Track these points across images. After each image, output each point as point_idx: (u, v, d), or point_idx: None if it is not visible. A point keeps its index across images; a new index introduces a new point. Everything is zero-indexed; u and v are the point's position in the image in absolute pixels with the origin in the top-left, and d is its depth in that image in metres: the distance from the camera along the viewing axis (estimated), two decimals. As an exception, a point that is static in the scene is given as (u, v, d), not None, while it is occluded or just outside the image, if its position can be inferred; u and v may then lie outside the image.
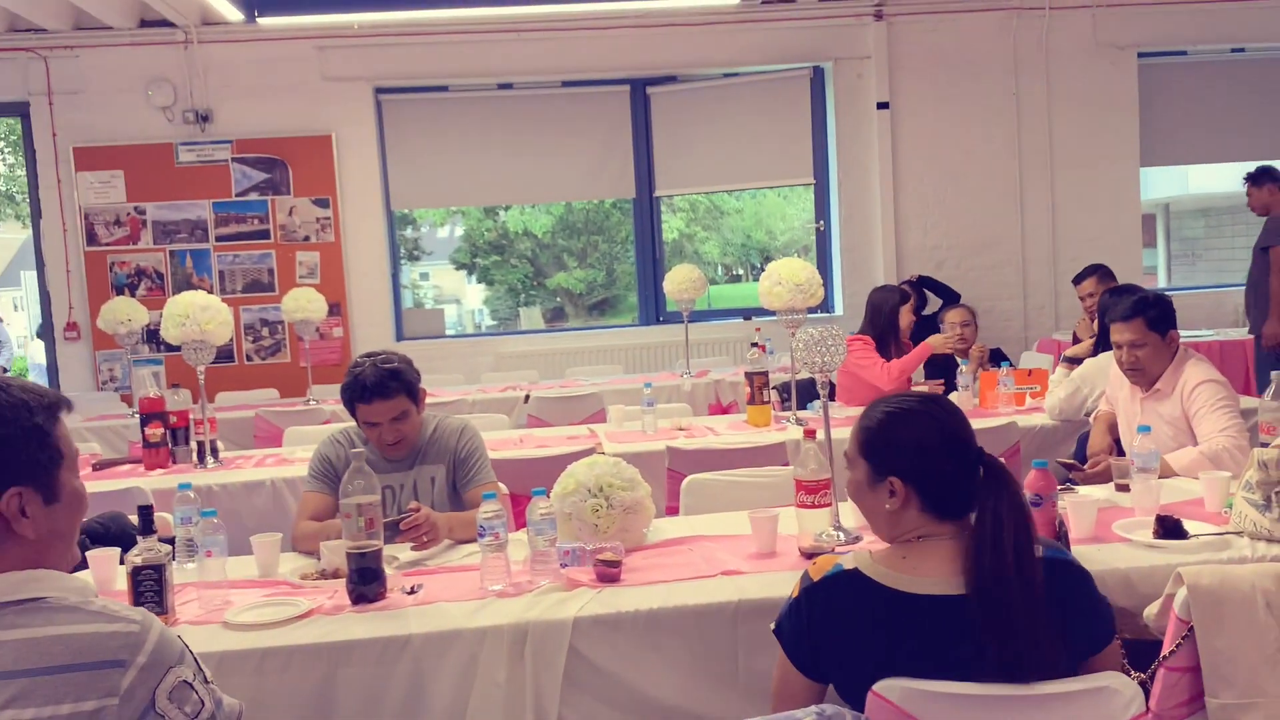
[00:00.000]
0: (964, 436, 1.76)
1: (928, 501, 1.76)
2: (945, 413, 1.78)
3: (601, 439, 4.37)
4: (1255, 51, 8.33)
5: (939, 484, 1.75)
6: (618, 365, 7.60)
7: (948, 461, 1.74)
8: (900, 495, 1.78)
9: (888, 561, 1.75)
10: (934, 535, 1.75)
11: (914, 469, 1.77)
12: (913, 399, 1.82)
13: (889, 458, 1.80)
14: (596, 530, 2.60)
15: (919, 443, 1.76)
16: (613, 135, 7.96)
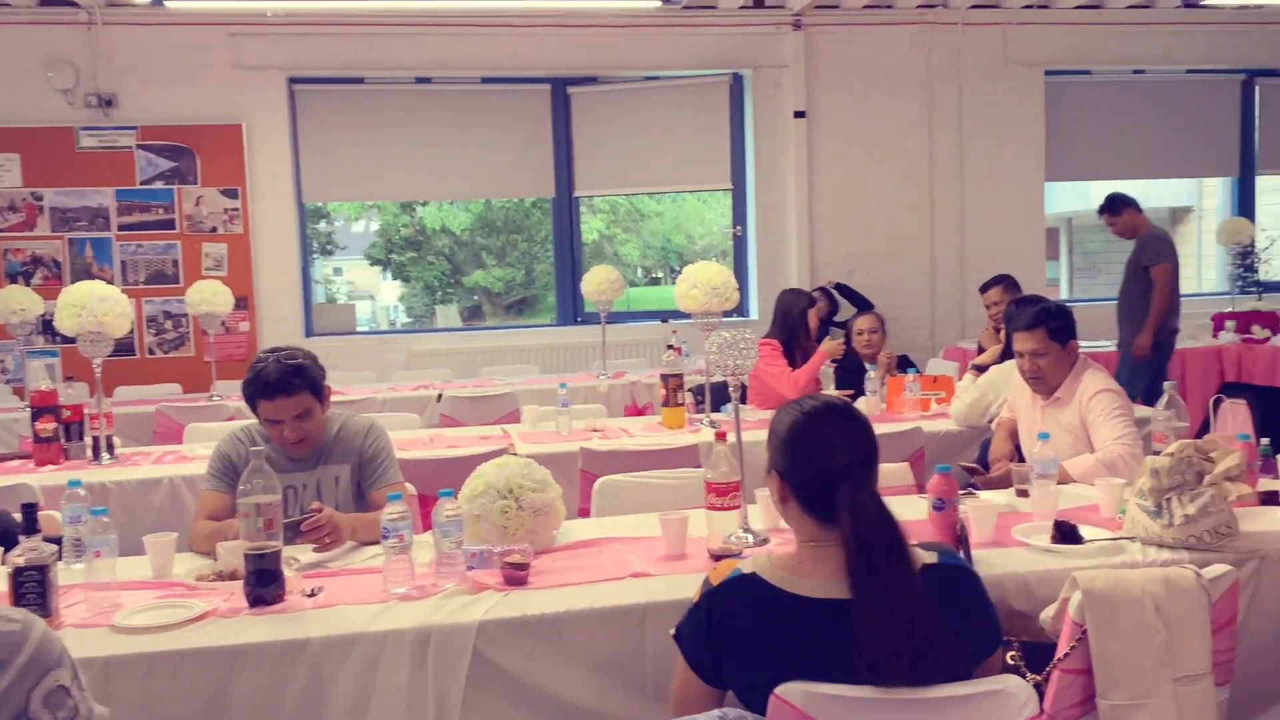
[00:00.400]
0: (836, 444, 1.76)
1: (803, 502, 1.79)
2: (830, 419, 1.79)
3: (514, 440, 4.33)
4: (1154, 73, 8.66)
5: (805, 485, 1.78)
6: (534, 365, 7.55)
7: (811, 464, 1.77)
8: (778, 490, 1.83)
9: (786, 565, 1.77)
10: (825, 541, 1.76)
11: (785, 465, 1.81)
12: (813, 401, 1.84)
13: (771, 450, 1.85)
14: (505, 532, 2.57)
15: (789, 441, 1.80)
16: (533, 134, 7.91)
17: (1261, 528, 2.52)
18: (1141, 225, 6.55)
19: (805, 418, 1.80)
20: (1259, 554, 2.42)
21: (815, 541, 1.79)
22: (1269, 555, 2.43)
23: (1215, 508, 2.41)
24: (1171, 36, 8.33)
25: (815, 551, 1.77)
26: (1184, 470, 2.47)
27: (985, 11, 8.03)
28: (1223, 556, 2.39)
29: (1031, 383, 3.52)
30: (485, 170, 7.93)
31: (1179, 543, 2.42)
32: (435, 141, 7.77)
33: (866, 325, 5.70)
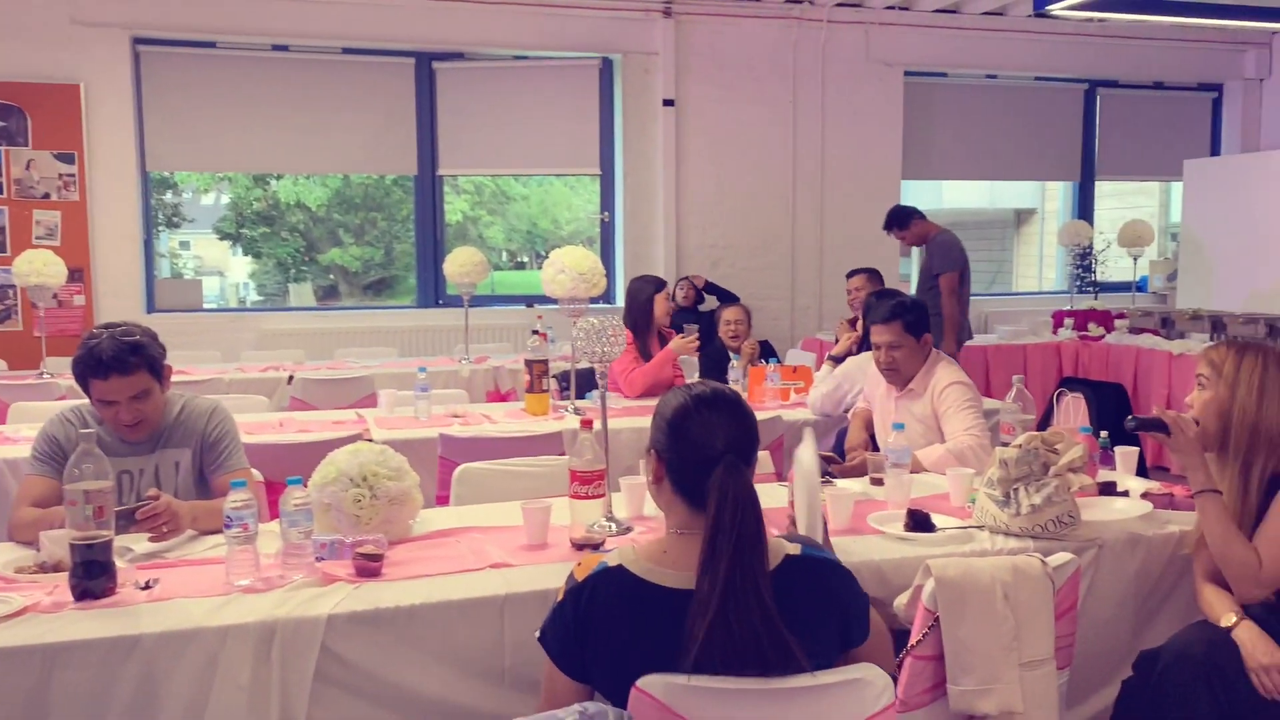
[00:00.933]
0: (717, 429, 1.74)
1: (676, 484, 1.77)
2: (716, 406, 1.77)
3: (370, 425, 4.19)
4: (1006, 79, 9.03)
5: (680, 465, 1.76)
6: (392, 348, 7.34)
7: (690, 445, 1.75)
8: (654, 469, 1.81)
9: (650, 555, 1.74)
10: (692, 528, 1.74)
11: (664, 444, 1.79)
12: (703, 388, 1.82)
13: (654, 430, 1.83)
14: (358, 522, 2.47)
15: (672, 422, 1.78)
16: (396, 109, 7.69)
17: (1100, 517, 2.64)
18: (930, 231, 6.65)
19: (692, 401, 1.78)
20: (1098, 542, 2.53)
21: (682, 528, 1.76)
22: (1107, 543, 2.54)
23: (1059, 498, 2.51)
24: (1022, 44, 8.69)
25: (681, 540, 1.75)
26: (1031, 461, 2.56)
27: (849, 10, 8.20)
28: (1065, 545, 2.49)
29: (887, 374, 3.61)
30: (344, 145, 7.66)
31: (1025, 531, 2.51)
32: (292, 113, 7.47)
33: (733, 316, 5.75)
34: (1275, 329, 6.06)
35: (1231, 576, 2.28)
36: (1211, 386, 2.39)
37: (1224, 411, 2.36)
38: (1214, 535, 2.29)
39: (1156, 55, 9.05)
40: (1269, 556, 2.24)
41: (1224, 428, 2.37)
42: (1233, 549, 2.26)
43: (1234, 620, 2.27)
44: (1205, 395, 2.40)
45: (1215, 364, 2.39)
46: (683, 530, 1.76)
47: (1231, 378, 2.36)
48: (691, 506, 1.75)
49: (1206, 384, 2.40)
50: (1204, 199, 8.86)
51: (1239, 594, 2.29)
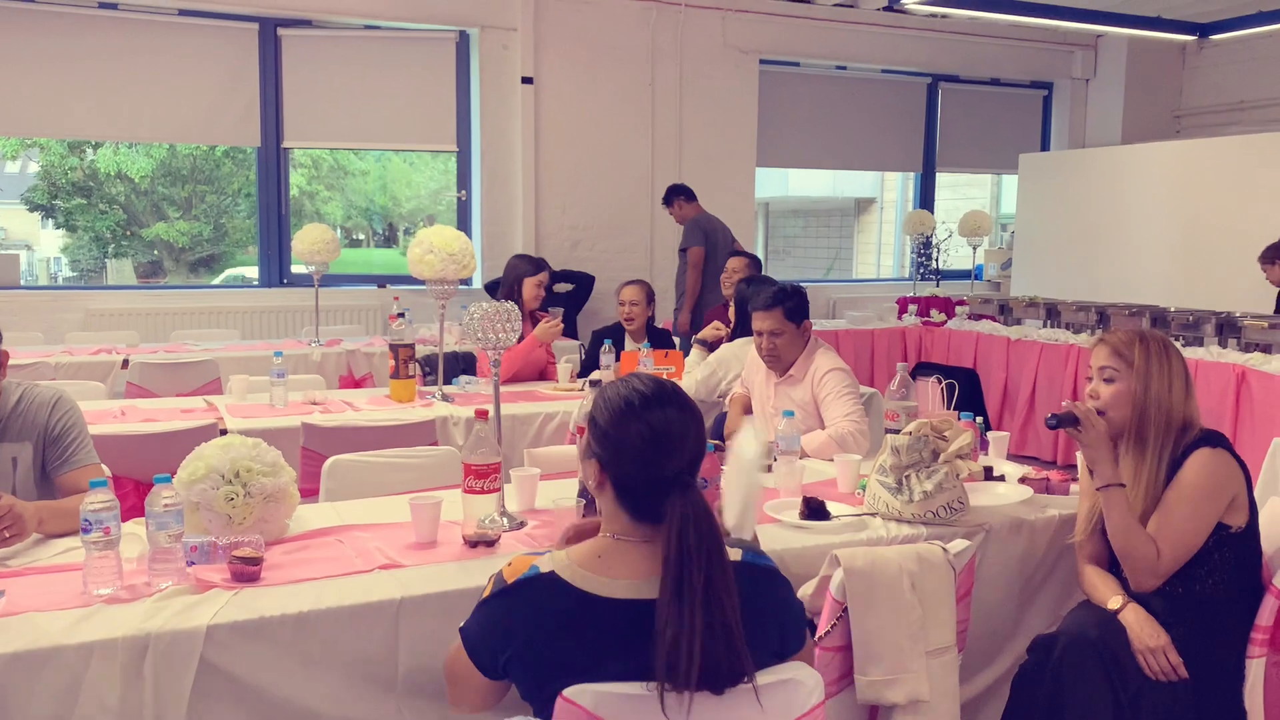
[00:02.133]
0: (672, 452, 1.65)
1: (620, 496, 1.67)
2: (661, 407, 1.66)
3: (223, 412, 3.92)
4: (855, 70, 9.26)
5: (632, 487, 1.66)
6: (233, 330, 6.95)
7: (637, 462, 1.64)
8: (597, 478, 1.70)
9: (585, 563, 1.64)
10: (630, 538, 1.66)
11: (613, 463, 1.67)
12: (644, 387, 1.69)
13: (597, 441, 1.69)
14: (231, 522, 2.28)
15: (614, 434, 1.66)
16: (237, 76, 7.25)
17: (985, 502, 2.70)
18: (689, 213, 7.21)
19: (632, 408, 1.66)
20: (985, 527, 2.59)
21: (621, 535, 1.67)
22: (994, 528, 2.60)
23: (949, 484, 2.55)
24: (871, 37, 8.92)
25: (619, 547, 1.66)
26: (921, 449, 2.59)
27: (707, -4, 8.23)
28: (955, 530, 2.54)
29: (767, 360, 3.61)
30: (179, 112, 7.17)
31: (917, 518, 2.54)
32: (119, 77, 6.93)
33: (630, 296, 5.28)
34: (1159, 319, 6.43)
35: (1131, 568, 2.36)
36: (1122, 378, 2.43)
37: (1138, 402, 2.41)
38: (1117, 529, 2.35)
39: (994, 53, 9.46)
40: (1167, 548, 2.32)
41: (1139, 418, 2.42)
42: (1135, 543, 2.33)
43: (1120, 603, 2.35)
44: (1116, 387, 2.43)
45: (1124, 355, 2.43)
46: (621, 536, 1.67)
47: (1143, 368, 2.41)
48: (635, 519, 1.66)
49: (1117, 376, 2.44)
50: (1036, 192, 9.34)
51: (1136, 584, 2.36)
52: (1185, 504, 2.33)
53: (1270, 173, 7.56)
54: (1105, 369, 2.45)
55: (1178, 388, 2.41)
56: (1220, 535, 2.35)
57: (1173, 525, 2.33)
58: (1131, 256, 8.46)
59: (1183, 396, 2.41)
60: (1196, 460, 2.35)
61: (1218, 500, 2.34)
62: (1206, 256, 7.92)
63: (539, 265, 5.14)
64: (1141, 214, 8.46)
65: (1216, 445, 2.38)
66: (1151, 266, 8.29)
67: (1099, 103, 9.85)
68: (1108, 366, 2.45)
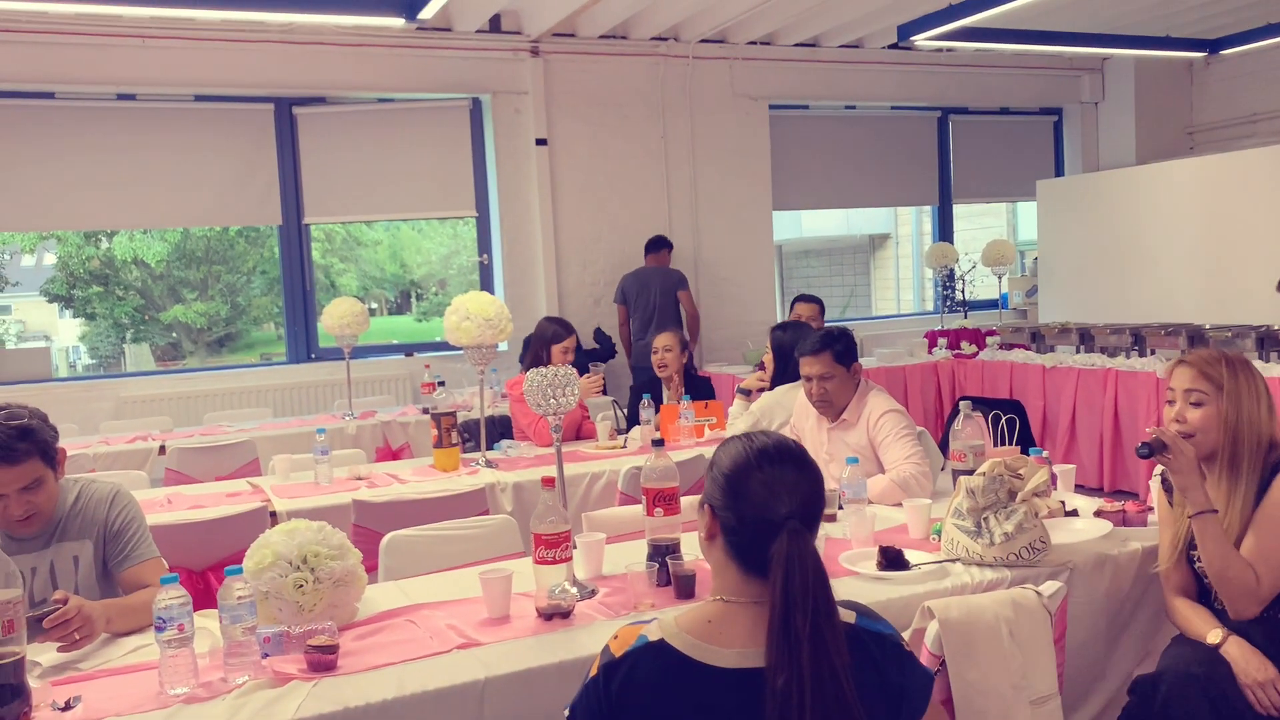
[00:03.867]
0: (778, 488, 1.60)
1: (731, 546, 1.61)
2: (781, 460, 1.62)
3: (269, 494, 3.88)
4: (864, 109, 9.29)
5: (739, 532, 1.60)
6: (264, 408, 6.94)
7: (752, 505, 1.59)
8: (709, 526, 1.64)
9: (694, 629, 1.57)
10: (740, 599, 1.60)
11: (721, 502, 1.62)
12: (765, 439, 1.66)
13: (711, 484, 1.66)
14: (301, 610, 2.22)
15: (732, 477, 1.62)
16: (255, 157, 7.31)
17: (1066, 540, 2.62)
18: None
19: (755, 455, 1.62)
20: (1069, 566, 2.51)
21: (731, 595, 1.60)
22: (1078, 566, 2.52)
23: (1029, 524, 2.47)
24: (878, 75, 8.97)
25: (729, 611, 1.59)
26: (997, 489, 2.52)
27: (713, 46, 8.29)
28: (1040, 571, 2.46)
29: (819, 406, 3.55)
30: (198, 196, 7.24)
31: (1000, 561, 2.46)
32: (137, 165, 7.00)
33: (662, 344, 5.20)
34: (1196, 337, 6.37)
35: (1230, 596, 2.27)
36: (1211, 401, 2.37)
37: (1229, 424, 2.35)
38: (1213, 556, 2.27)
39: (1001, 82, 9.49)
40: (1266, 571, 2.24)
41: (1232, 440, 2.35)
42: (1233, 570, 2.25)
43: (1221, 637, 2.26)
44: (1206, 410, 2.36)
45: (1211, 378, 2.37)
46: (731, 598, 1.60)
47: (1233, 390, 2.35)
48: (745, 571, 1.60)
49: (1205, 399, 2.37)
50: (1056, 217, 9.30)
51: (1236, 612, 2.28)
52: (1277, 525, 2.25)
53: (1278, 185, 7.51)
54: (1192, 392, 2.38)
55: (1265, 407, 2.35)
56: (1319, 555, 2.27)
57: (1268, 547, 2.25)
58: (1158, 276, 8.40)
59: (1269, 415, 2.35)
60: None
61: None
62: (1233, 271, 7.85)
63: (567, 329, 5.08)
64: (1163, 233, 8.41)
65: None
66: (1179, 284, 8.22)
67: (1110, 125, 9.85)
68: (1195, 389, 2.38)
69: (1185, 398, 2.39)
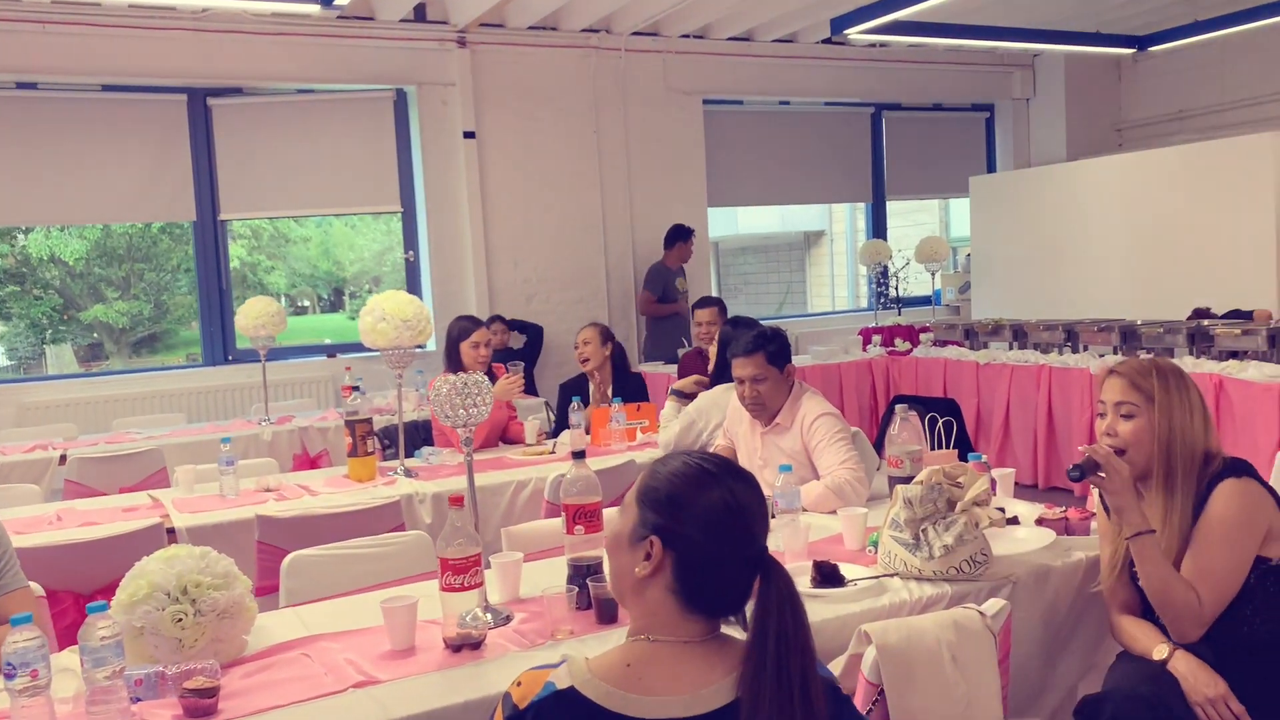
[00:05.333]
0: (754, 527, 1.44)
1: (681, 581, 1.42)
2: (746, 492, 1.46)
3: (169, 509, 3.63)
4: (798, 104, 9.20)
5: (703, 567, 1.41)
6: (178, 413, 6.61)
7: (725, 545, 1.41)
8: (654, 560, 1.42)
9: (610, 675, 1.39)
10: (670, 638, 1.42)
11: (683, 536, 1.42)
12: (716, 462, 1.48)
13: (661, 513, 1.44)
14: (180, 646, 2.01)
15: (702, 511, 1.42)
16: (167, 150, 6.99)
17: (1007, 551, 2.50)
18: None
19: (709, 474, 1.43)
20: (1012, 579, 2.39)
21: (659, 636, 1.43)
22: (1020, 579, 2.40)
23: (970, 535, 2.35)
24: (813, 70, 8.88)
25: (654, 653, 1.41)
26: (936, 498, 2.39)
27: (646, 39, 8.13)
28: (981, 586, 2.33)
29: (751, 409, 3.41)
30: (108, 191, 6.90)
31: (939, 575, 2.33)
32: (42, 159, 6.64)
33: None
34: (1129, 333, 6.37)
35: (1172, 619, 2.16)
36: (1142, 413, 2.25)
37: (1161, 438, 2.24)
38: (1152, 579, 2.15)
39: (934, 79, 9.46)
40: (1208, 592, 2.13)
41: (1164, 455, 2.24)
42: (1173, 592, 2.13)
43: (1167, 652, 2.15)
44: (1137, 423, 2.24)
45: (1142, 389, 2.25)
46: (659, 637, 1.43)
47: (1164, 401, 2.23)
48: (687, 611, 1.42)
49: (1136, 411, 2.26)
50: (989, 213, 9.30)
51: (1179, 635, 2.16)
52: (1219, 542, 2.15)
53: (1214, 180, 7.57)
54: (1122, 404, 2.26)
55: (1199, 418, 2.23)
56: (1261, 569, 2.16)
57: (1209, 567, 2.14)
58: (1089, 272, 8.43)
59: (1204, 427, 2.24)
60: (1223, 493, 2.17)
61: (1253, 533, 2.16)
62: (1162, 267, 7.90)
63: (475, 323, 4.75)
64: (1094, 229, 8.44)
65: (1242, 474, 2.20)
66: (1110, 280, 8.25)
67: (1041, 121, 9.89)
68: (1125, 402, 2.25)
69: (1116, 410, 2.27)
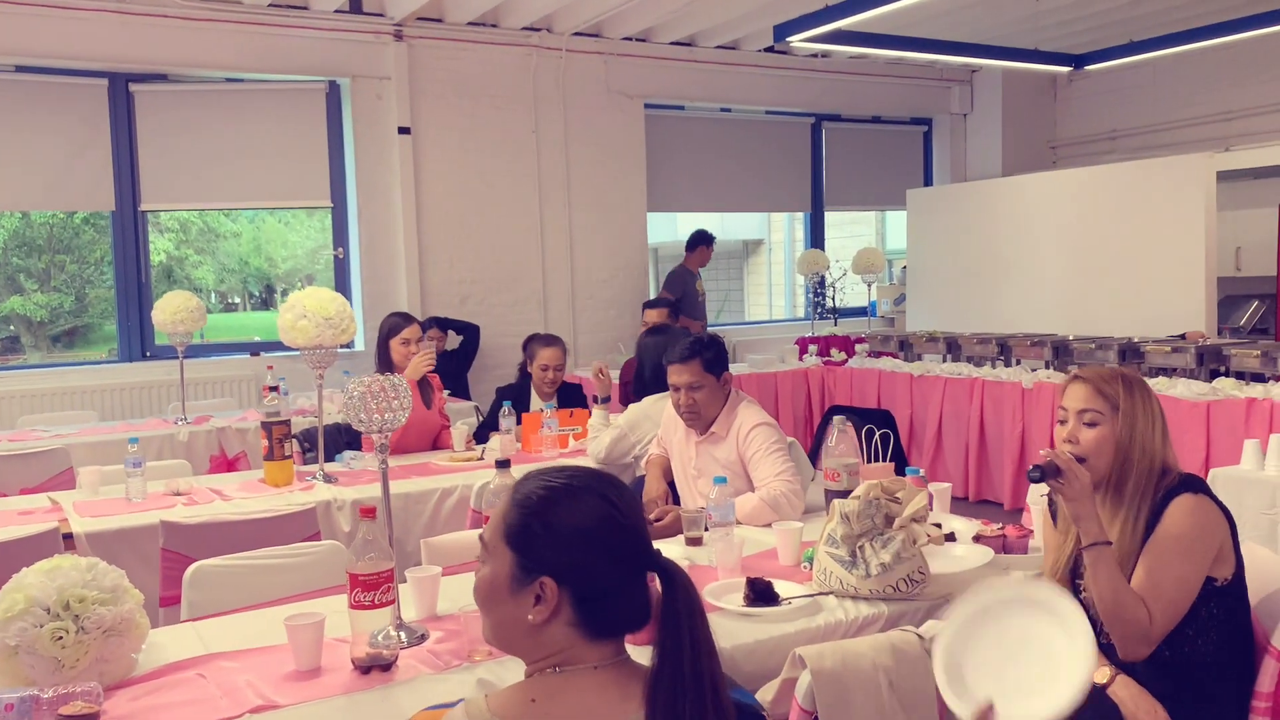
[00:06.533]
0: (641, 532, 1.34)
1: (584, 614, 1.30)
2: (621, 498, 1.35)
3: (69, 512, 3.42)
4: (740, 112, 9.16)
5: (602, 593, 1.30)
6: (91, 410, 6.33)
7: (617, 564, 1.30)
8: (550, 602, 1.29)
9: (512, 712, 1.28)
10: (573, 665, 1.30)
11: (574, 568, 1.30)
12: (581, 475, 1.36)
13: (544, 550, 1.31)
14: (60, 666, 1.84)
15: (585, 534, 1.30)
16: (86, 137, 6.70)
17: (944, 569, 2.43)
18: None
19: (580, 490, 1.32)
20: (949, 598, 2.31)
21: (567, 664, 1.31)
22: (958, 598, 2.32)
23: (907, 553, 2.27)
24: (755, 78, 8.84)
25: (561, 685, 1.29)
26: (873, 514, 2.31)
27: (587, 40, 8.02)
28: (918, 606, 2.26)
29: (686, 417, 3.31)
30: (24, 178, 6.59)
31: (876, 594, 2.25)
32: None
33: (553, 361, 4.81)
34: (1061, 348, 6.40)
35: (1121, 635, 2.09)
36: (1106, 422, 2.19)
37: (1122, 447, 2.18)
38: (1105, 592, 2.08)
39: (874, 91, 9.49)
40: (1159, 608, 2.07)
41: (1121, 465, 2.18)
42: (1126, 607, 2.06)
43: (1108, 676, 2.10)
44: (1100, 431, 2.18)
45: (1107, 397, 2.19)
46: (565, 666, 1.31)
47: (1129, 410, 2.18)
48: (593, 636, 1.31)
49: (1100, 419, 2.19)
50: (926, 226, 9.35)
51: (1127, 652, 2.10)
52: (1174, 557, 2.09)
53: (1146, 199, 7.67)
54: (1086, 411, 2.19)
55: (1159, 430, 2.19)
56: (1207, 589, 2.12)
57: (1161, 582, 2.08)
58: (1022, 286, 8.50)
59: (1163, 439, 2.19)
60: (1179, 508, 2.12)
61: (1206, 551, 2.11)
62: (1094, 284, 7.99)
63: (406, 319, 4.59)
64: (1027, 244, 8.52)
65: (1198, 491, 2.16)
66: (1042, 295, 8.33)
67: (977, 137, 9.98)
68: (1089, 409, 2.19)
69: (1079, 417, 2.21)
